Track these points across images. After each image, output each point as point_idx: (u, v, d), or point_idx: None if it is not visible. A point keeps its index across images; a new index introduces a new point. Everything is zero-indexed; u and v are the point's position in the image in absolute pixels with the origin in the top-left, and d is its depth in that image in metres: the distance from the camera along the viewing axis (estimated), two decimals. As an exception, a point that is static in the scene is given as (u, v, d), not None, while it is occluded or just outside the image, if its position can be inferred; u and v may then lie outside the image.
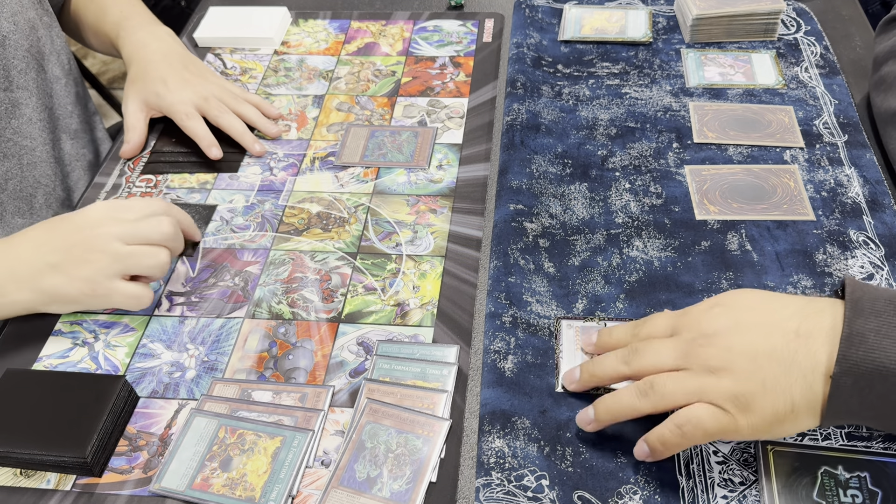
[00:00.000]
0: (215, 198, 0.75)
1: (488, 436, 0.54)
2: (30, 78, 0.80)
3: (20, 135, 0.79)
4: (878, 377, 0.43)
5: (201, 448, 0.55)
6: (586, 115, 0.79)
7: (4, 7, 0.77)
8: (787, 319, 0.47)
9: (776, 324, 0.47)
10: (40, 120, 0.82)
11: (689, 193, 0.70)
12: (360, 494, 0.51)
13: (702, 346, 0.48)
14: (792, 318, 0.47)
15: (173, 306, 0.65)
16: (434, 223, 0.70)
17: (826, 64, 0.83)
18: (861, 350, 0.44)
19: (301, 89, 0.87)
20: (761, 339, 0.47)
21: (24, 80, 0.79)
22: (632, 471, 0.52)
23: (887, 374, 0.43)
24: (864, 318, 0.45)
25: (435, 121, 0.81)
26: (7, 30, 0.77)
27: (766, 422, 0.46)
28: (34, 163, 0.81)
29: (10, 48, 0.77)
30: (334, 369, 0.60)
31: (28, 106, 0.80)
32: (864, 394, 0.44)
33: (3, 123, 0.78)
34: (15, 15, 0.78)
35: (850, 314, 0.45)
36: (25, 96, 0.80)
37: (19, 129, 0.79)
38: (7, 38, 0.77)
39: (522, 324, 0.61)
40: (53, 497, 0.53)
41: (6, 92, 0.77)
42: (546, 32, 0.90)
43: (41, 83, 0.82)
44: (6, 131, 0.78)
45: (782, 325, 0.47)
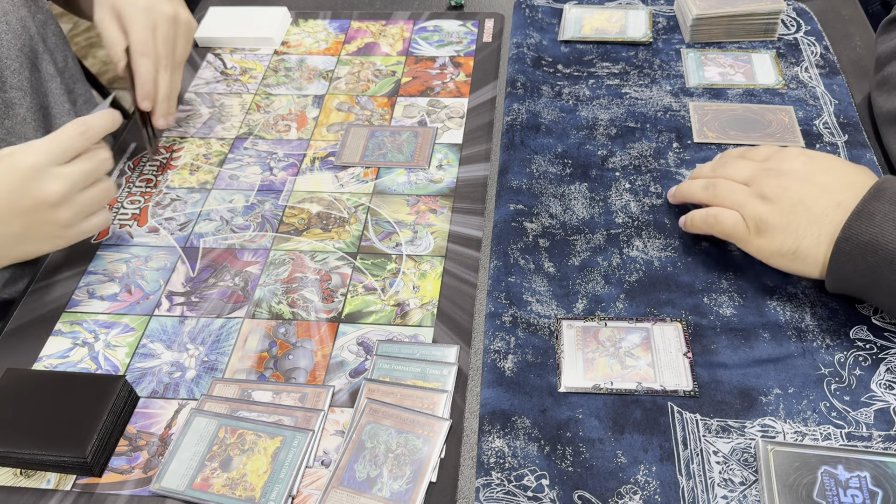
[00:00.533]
0: (215, 197, 0.75)
1: (488, 436, 0.54)
2: (24, 77, 0.80)
3: (14, 135, 0.79)
4: (871, 250, 0.52)
5: (201, 448, 0.55)
6: (586, 115, 0.79)
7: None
8: (840, 192, 0.56)
9: (830, 192, 0.56)
10: (35, 120, 0.82)
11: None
12: (360, 494, 0.51)
13: (768, 176, 0.59)
14: (844, 191, 0.56)
15: (173, 306, 0.65)
16: (434, 223, 0.70)
17: (826, 64, 0.83)
18: (864, 224, 0.53)
19: (301, 89, 0.87)
20: (811, 196, 0.56)
21: (18, 80, 0.79)
22: (632, 471, 0.52)
23: (879, 249, 0.52)
24: (878, 202, 0.53)
25: (435, 121, 0.81)
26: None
27: (769, 251, 0.58)
28: None
29: (3, 48, 0.77)
30: (334, 369, 0.60)
31: (22, 106, 0.80)
32: (857, 262, 0.53)
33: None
34: (6, 14, 0.78)
35: (869, 195, 0.54)
36: (19, 96, 0.79)
37: (13, 130, 0.79)
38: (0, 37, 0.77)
39: (522, 323, 0.61)
40: (53, 497, 0.53)
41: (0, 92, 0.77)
42: (546, 32, 0.90)
43: (35, 83, 0.82)
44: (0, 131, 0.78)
45: (833, 195, 0.56)
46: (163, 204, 0.75)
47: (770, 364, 0.57)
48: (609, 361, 0.58)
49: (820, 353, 0.58)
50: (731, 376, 0.57)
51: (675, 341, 0.59)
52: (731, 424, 0.54)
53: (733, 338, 0.59)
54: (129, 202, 0.75)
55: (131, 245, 0.71)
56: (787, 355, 0.58)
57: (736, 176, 0.62)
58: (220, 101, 0.86)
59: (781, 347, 0.58)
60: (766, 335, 0.59)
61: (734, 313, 0.61)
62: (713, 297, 0.62)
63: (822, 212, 0.55)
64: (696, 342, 0.59)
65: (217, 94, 0.87)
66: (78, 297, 0.66)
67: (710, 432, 0.53)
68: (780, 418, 0.54)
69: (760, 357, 0.58)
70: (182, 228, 0.72)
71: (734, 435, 0.53)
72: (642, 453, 0.53)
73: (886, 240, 0.52)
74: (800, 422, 0.54)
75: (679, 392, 0.56)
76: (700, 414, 0.55)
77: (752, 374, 0.57)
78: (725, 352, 0.58)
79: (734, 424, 0.54)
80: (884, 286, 0.53)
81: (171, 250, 0.70)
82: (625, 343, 0.59)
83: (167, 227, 0.72)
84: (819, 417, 0.54)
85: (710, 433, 0.53)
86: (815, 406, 0.54)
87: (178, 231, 0.72)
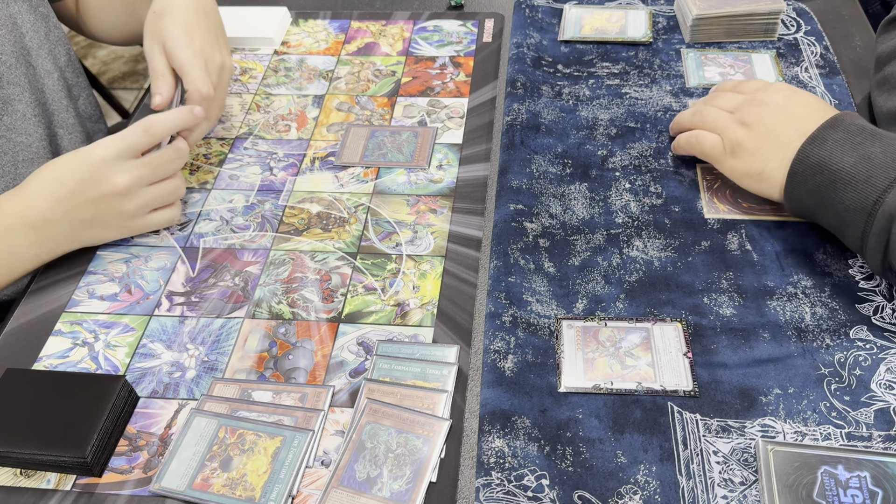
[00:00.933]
0: (215, 197, 0.75)
1: (488, 436, 0.54)
2: (20, 73, 0.80)
3: (14, 131, 0.79)
4: (818, 170, 0.58)
5: (201, 448, 0.55)
6: (586, 115, 0.79)
7: None
8: (810, 123, 0.60)
9: (802, 122, 0.61)
10: (34, 115, 0.82)
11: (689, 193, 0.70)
12: (360, 494, 0.51)
13: (751, 105, 0.65)
14: (813, 122, 0.60)
15: (173, 306, 0.65)
16: (434, 223, 0.70)
17: (826, 64, 0.83)
18: (817, 148, 0.58)
19: (301, 89, 0.87)
20: (783, 125, 0.62)
21: (15, 76, 0.79)
22: (632, 471, 0.52)
23: (825, 169, 0.57)
24: (833, 130, 0.59)
25: (435, 121, 0.81)
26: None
27: (739, 172, 0.65)
28: (30, 159, 0.81)
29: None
30: (334, 369, 0.60)
31: (21, 101, 0.80)
32: (807, 182, 0.59)
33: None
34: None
35: (826, 124, 0.59)
36: (17, 92, 0.79)
37: (12, 126, 0.79)
38: None
39: (522, 323, 0.61)
40: (53, 497, 0.53)
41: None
42: (546, 32, 0.90)
43: (32, 78, 0.82)
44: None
45: (803, 126, 0.61)
46: (163, 204, 0.75)
47: (770, 364, 0.57)
48: (609, 361, 0.58)
49: (820, 353, 0.58)
50: (731, 376, 0.57)
51: (675, 341, 0.59)
52: (731, 424, 0.54)
53: (733, 338, 0.59)
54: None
55: (131, 245, 0.71)
56: (787, 355, 0.58)
57: (724, 105, 0.68)
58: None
59: (781, 347, 0.58)
60: (766, 335, 0.59)
61: (734, 313, 0.61)
62: (713, 297, 0.62)
63: (790, 139, 0.61)
64: (696, 342, 0.59)
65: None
66: (78, 297, 0.66)
67: (710, 432, 0.53)
68: (780, 418, 0.54)
69: (760, 357, 0.58)
70: (182, 228, 0.72)
71: (734, 435, 0.53)
72: (642, 453, 0.53)
73: (833, 161, 0.57)
74: (800, 422, 0.54)
75: (679, 392, 0.56)
76: (700, 414, 0.55)
77: (752, 374, 0.57)
78: (725, 352, 0.58)
79: (734, 424, 0.54)
80: (829, 205, 0.58)
81: (171, 250, 0.70)
82: (625, 343, 0.59)
83: (167, 227, 0.72)
84: (819, 417, 0.54)
85: (710, 433, 0.53)
86: (815, 406, 0.54)
87: (178, 231, 0.72)
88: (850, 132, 0.58)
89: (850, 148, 0.57)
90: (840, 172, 0.57)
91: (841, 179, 0.57)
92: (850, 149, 0.57)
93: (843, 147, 0.58)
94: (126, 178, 0.65)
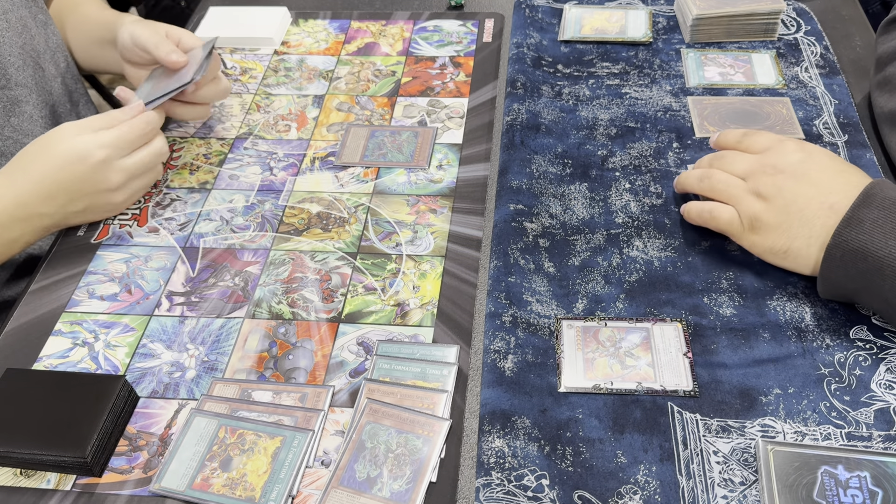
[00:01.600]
0: (215, 197, 0.75)
1: (488, 436, 0.54)
2: (27, 75, 0.80)
3: (20, 132, 0.79)
4: (861, 257, 0.53)
5: (201, 448, 0.55)
6: (586, 115, 0.79)
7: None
8: (833, 193, 0.57)
9: (824, 192, 0.57)
10: (42, 117, 0.82)
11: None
12: (360, 494, 0.51)
13: (764, 174, 0.60)
14: (838, 193, 0.56)
15: (173, 306, 0.65)
16: (434, 223, 0.70)
17: (826, 64, 0.83)
18: (854, 232, 0.54)
19: (301, 89, 0.87)
20: (805, 197, 0.57)
21: (23, 77, 0.79)
22: (632, 471, 0.52)
23: (868, 256, 0.53)
24: (868, 209, 0.54)
25: (435, 121, 0.81)
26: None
27: (762, 248, 0.60)
28: None
29: (4, 46, 0.77)
30: (334, 369, 0.60)
31: (28, 103, 0.80)
32: (847, 268, 0.54)
33: (2, 121, 0.78)
34: (6, 13, 0.78)
35: (859, 202, 0.55)
36: (25, 93, 0.80)
37: (19, 127, 0.79)
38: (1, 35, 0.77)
39: (522, 323, 0.61)
40: (53, 497, 0.53)
41: (4, 90, 0.77)
42: (546, 32, 0.90)
43: (40, 80, 0.82)
44: (5, 129, 0.78)
45: (827, 197, 0.57)
46: (163, 204, 0.75)
47: (770, 364, 0.57)
48: (609, 361, 0.58)
49: (820, 353, 0.58)
50: (731, 376, 0.57)
51: (675, 341, 0.59)
52: (731, 424, 0.54)
53: (733, 338, 0.59)
54: (129, 202, 0.75)
55: (131, 245, 0.71)
56: (787, 355, 0.57)
57: (733, 169, 0.63)
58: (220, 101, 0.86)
59: (781, 347, 0.58)
60: (766, 335, 0.59)
61: (734, 313, 0.61)
62: (713, 297, 0.62)
63: (815, 214, 0.57)
64: (696, 342, 0.59)
65: (217, 94, 0.87)
66: (78, 297, 0.66)
67: (710, 432, 0.53)
68: (780, 418, 0.54)
69: (760, 357, 0.58)
70: (182, 228, 0.72)
71: (734, 435, 0.53)
72: (642, 453, 0.53)
73: (876, 247, 0.53)
74: (800, 422, 0.54)
75: (679, 392, 0.56)
76: (700, 414, 0.55)
77: (752, 374, 0.57)
78: (725, 352, 0.58)
79: (734, 424, 0.54)
80: (874, 291, 0.54)
81: (171, 250, 0.70)
82: (625, 343, 0.59)
83: (167, 227, 0.72)
84: (819, 417, 0.54)
85: (710, 433, 0.53)
86: (815, 406, 0.54)
87: (178, 231, 0.72)
88: (886, 209, 0.54)
89: (892, 228, 0.53)
90: (887, 259, 0.52)
91: (888, 265, 0.52)
92: (892, 229, 0.53)
93: (883, 228, 0.53)
94: (121, 177, 0.68)
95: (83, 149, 0.66)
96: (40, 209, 0.66)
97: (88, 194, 0.67)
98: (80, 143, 0.66)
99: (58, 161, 0.65)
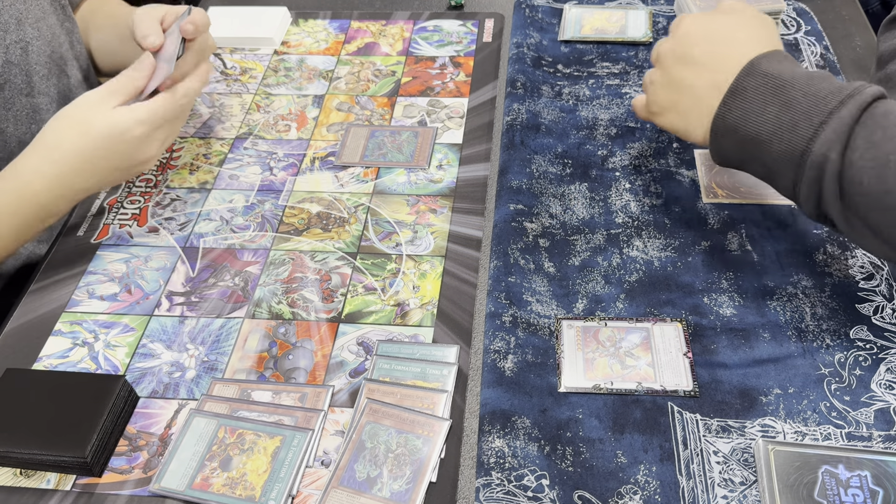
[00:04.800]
0: (215, 197, 0.75)
1: (488, 436, 0.54)
2: (51, 84, 0.80)
3: None
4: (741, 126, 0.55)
5: (201, 448, 0.55)
6: (586, 115, 0.79)
7: (29, 13, 0.77)
8: (719, 72, 0.57)
9: (716, 73, 0.58)
10: None
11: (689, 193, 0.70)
12: (360, 494, 0.51)
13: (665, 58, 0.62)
14: (729, 73, 0.56)
15: (173, 306, 0.65)
16: (434, 223, 0.70)
17: (826, 64, 0.83)
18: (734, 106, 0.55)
19: (301, 89, 0.87)
20: (696, 76, 0.59)
21: (46, 86, 0.79)
22: (632, 471, 0.52)
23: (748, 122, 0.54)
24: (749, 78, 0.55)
25: (435, 121, 0.81)
26: (31, 36, 0.77)
27: (668, 129, 0.63)
28: None
29: (32, 54, 0.77)
30: (334, 369, 0.60)
31: (49, 112, 0.80)
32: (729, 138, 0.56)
33: (24, 129, 0.78)
34: (38, 21, 0.78)
35: (741, 75, 0.55)
36: (46, 102, 0.80)
37: None
38: (30, 44, 0.77)
39: (522, 323, 0.61)
40: (53, 497, 0.53)
41: (28, 97, 0.77)
42: (546, 32, 0.90)
43: (62, 89, 0.82)
44: (26, 136, 0.78)
45: (717, 78, 0.57)
46: (163, 204, 0.75)
47: (770, 364, 0.57)
48: (609, 361, 0.58)
49: (820, 353, 0.58)
50: (731, 376, 0.57)
51: (675, 341, 0.59)
52: (731, 424, 0.54)
53: (733, 338, 0.59)
54: (129, 202, 0.75)
55: (131, 245, 0.71)
56: (787, 355, 0.57)
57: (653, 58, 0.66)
58: (219, 100, 0.86)
59: (781, 347, 0.58)
60: (766, 335, 0.59)
61: (734, 313, 0.61)
62: (713, 297, 0.62)
63: (706, 94, 0.58)
64: (696, 342, 0.59)
65: (217, 93, 0.87)
66: (78, 297, 0.66)
67: (710, 432, 0.53)
68: (781, 418, 0.54)
69: (760, 357, 0.58)
70: (182, 228, 0.72)
71: (734, 435, 0.53)
72: (642, 453, 0.53)
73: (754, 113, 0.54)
74: (800, 422, 0.54)
75: (679, 392, 0.56)
76: (700, 414, 0.55)
77: (752, 374, 0.57)
78: (725, 352, 0.58)
79: (734, 424, 0.54)
80: (755, 158, 0.56)
81: (171, 250, 0.70)
82: (625, 343, 0.59)
83: (167, 227, 0.72)
84: (819, 417, 0.54)
85: (711, 433, 0.53)
86: (815, 406, 0.54)
87: (178, 231, 0.72)
88: (763, 80, 0.55)
89: (772, 95, 0.54)
90: (764, 125, 0.54)
91: (766, 132, 0.54)
92: (772, 96, 0.54)
93: (763, 96, 0.54)
94: (156, 149, 0.67)
95: (122, 126, 0.64)
96: (81, 184, 0.65)
97: (126, 168, 0.67)
98: (117, 119, 0.64)
99: (95, 137, 0.64)
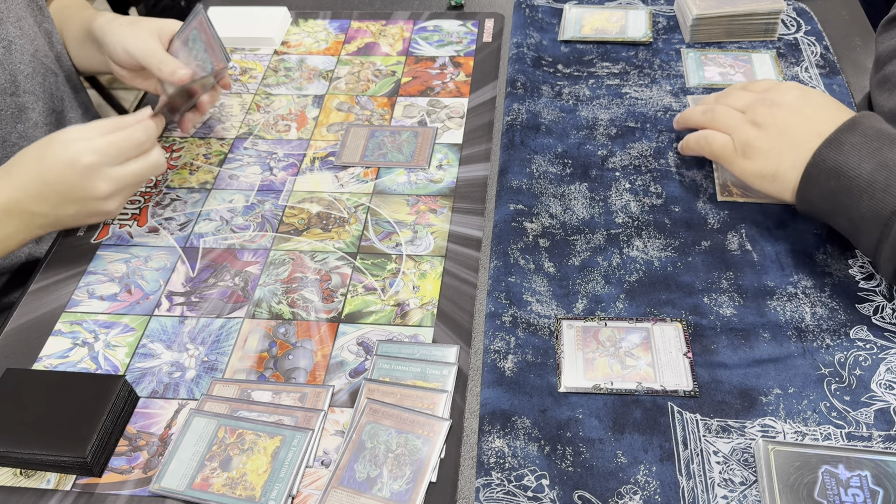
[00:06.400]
0: (215, 197, 0.75)
1: (488, 436, 0.54)
2: (36, 83, 0.80)
3: (26, 139, 0.79)
4: (834, 175, 0.57)
5: (201, 448, 0.55)
6: (586, 115, 0.79)
7: (10, 13, 0.77)
8: (824, 124, 0.59)
9: (815, 123, 0.60)
10: (47, 124, 0.82)
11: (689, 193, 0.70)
12: (360, 494, 0.51)
13: (763, 105, 0.64)
14: (828, 123, 0.59)
15: (173, 306, 0.65)
16: (434, 223, 0.70)
17: (826, 64, 0.83)
18: (833, 152, 0.57)
19: (301, 89, 0.87)
20: (797, 126, 0.61)
21: (31, 85, 0.79)
22: (632, 471, 0.52)
23: (841, 175, 0.56)
24: (851, 133, 0.57)
25: (435, 121, 0.81)
26: (13, 35, 0.77)
27: (751, 172, 0.63)
28: None
29: (16, 53, 0.77)
30: (334, 369, 0.60)
31: (35, 110, 0.80)
32: (822, 185, 0.58)
33: (9, 128, 0.78)
34: (20, 20, 0.78)
35: (844, 126, 0.58)
36: (32, 101, 0.80)
37: (25, 134, 0.79)
38: (13, 42, 0.77)
39: (522, 323, 0.61)
40: (53, 497, 0.53)
41: (12, 97, 0.77)
42: (546, 32, 0.90)
43: (47, 87, 0.82)
44: (11, 135, 0.78)
45: (817, 126, 0.60)
46: (163, 204, 0.75)
47: (770, 364, 0.57)
48: (609, 361, 0.58)
49: (820, 353, 0.58)
50: (731, 376, 0.57)
51: (675, 341, 0.59)
52: (731, 424, 0.54)
53: (733, 338, 0.59)
54: (129, 202, 0.75)
55: (131, 245, 0.71)
56: (787, 355, 0.57)
57: (734, 104, 0.67)
58: (219, 100, 0.86)
59: (781, 347, 0.58)
60: (766, 335, 0.59)
61: (734, 313, 0.61)
62: (713, 297, 0.62)
63: (804, 140, 0.60)
64: (696, 342, 0.59)
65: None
66: (78, 297, 0.66)
67: (710, 432, 0.53)
68: (781, 418, 0.54)
69: (760, 357, 0.58)
70: (182, 228, 0.72)
71: (734, 435, 0.53)
72: (642, 453, 0.53)
73: (849, 166, 0.56)
74: (800, 422, 0.54)
75: (679, 392, 0.56)
76: (700, 414, 0.55)
77: (752, 374, 0.57)
78: (725, 352, 0.58)
79: (734, 424, 0.54)
80: (843, 211, 0.57)
81: (171, 250, 0.70)
82: (625, 343, 0.59)
83: (167, 227, 0.72)
84: (819, 417, 0.54)
85: (710, 433, 0.53)
86: (815, 406, 0.54)
87: (177, 231, 0.72)
88: (867, 136, 0.57)
89: (868, 153, 0.56)
90: (857, 179, 0.55)
91: (857, 186, 0.55)
92: (868, 154, 0.55)
93: (860, 152, 0.56)
94: (110, 186, 0.65)
95: (72, 154, 0.63)
96: (33, 208, 0.65)
97: (77, 200, 0.65)
98: (71, 148, 0.64)
99: (49, 163, 0.64)
